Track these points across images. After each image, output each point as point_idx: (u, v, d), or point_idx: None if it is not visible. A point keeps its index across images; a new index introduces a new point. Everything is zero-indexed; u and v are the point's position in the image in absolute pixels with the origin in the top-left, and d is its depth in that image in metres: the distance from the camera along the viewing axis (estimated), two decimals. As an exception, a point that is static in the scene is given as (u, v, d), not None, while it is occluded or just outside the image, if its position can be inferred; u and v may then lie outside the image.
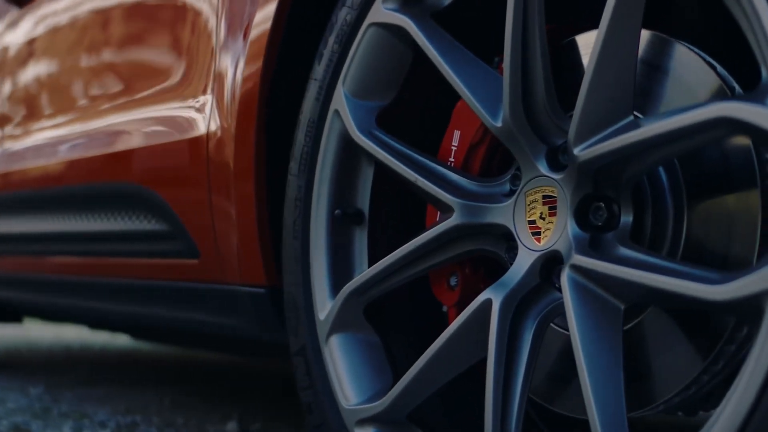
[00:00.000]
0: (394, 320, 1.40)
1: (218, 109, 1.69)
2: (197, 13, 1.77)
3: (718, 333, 1.09)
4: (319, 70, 1.42)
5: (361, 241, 1.41)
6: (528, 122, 1.17)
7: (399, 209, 1.43)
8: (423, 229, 1.38)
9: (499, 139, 1.19)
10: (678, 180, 1.11)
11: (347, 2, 1.38)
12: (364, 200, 1.41)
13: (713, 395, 1.17)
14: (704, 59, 1.11)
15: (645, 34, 1.14)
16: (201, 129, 1.73)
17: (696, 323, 1.11)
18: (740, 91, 1.09)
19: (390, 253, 1.38)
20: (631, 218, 1.10)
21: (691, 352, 1.11)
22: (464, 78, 1.22)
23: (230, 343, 2.37)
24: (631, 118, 1.06)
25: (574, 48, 1.24)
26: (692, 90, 1.11)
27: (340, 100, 1.38)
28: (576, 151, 1.08)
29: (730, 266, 1.07)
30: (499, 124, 1.18)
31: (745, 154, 1.06)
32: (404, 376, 1.25)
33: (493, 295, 1.17)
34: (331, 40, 1.40)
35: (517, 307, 1.16)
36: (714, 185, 1.09)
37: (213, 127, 1.71)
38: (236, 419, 2.40)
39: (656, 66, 1.14)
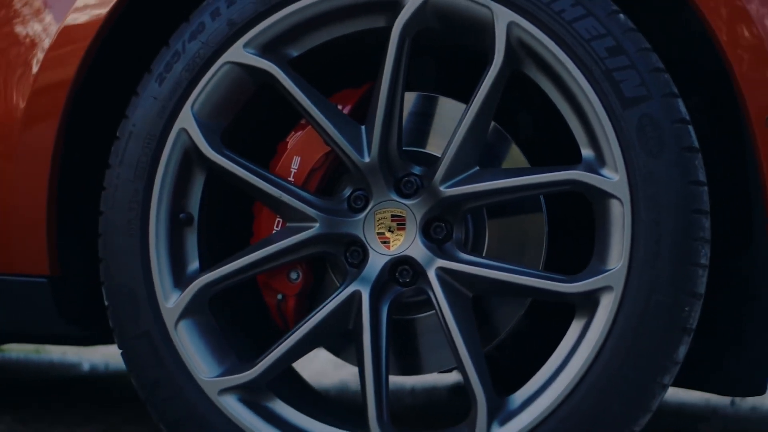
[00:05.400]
0: (227, 308, 1.69)
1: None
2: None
3: (509, 316, 1.65)
4: (162, 90, 1.63)
5: (191, 241, 1.67)
6: (387, 160, 1.59)
7: (222, 214, 1.71)
8: (248, 232, 1.70)
9: (362, 171, 1.58)
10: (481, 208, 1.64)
11: (200, 38, 1.62)
12: (195, 206, 1.67)
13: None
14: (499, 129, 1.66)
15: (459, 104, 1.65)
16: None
17: (488, 311, 1.66)
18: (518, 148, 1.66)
19: (215, 250, 1.68)
20: (462, 234, 1.60)
21: (488, 330, 1.65)
22: (334, 122, 1.58)
23: None
24: (477, 168, 1.56)
25: None
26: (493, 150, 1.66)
27: (189, 121, 1.62)
28: (442, 188, 1.54)
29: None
30: (366, 160, 1.58)
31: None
32: (274, 351, 1.57)
33: (361, 288, 1.57)
34: (179, 66, 1.63)
35: (377, 296, 1.58)
36: (509, 211, 1.64)
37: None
38: None
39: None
